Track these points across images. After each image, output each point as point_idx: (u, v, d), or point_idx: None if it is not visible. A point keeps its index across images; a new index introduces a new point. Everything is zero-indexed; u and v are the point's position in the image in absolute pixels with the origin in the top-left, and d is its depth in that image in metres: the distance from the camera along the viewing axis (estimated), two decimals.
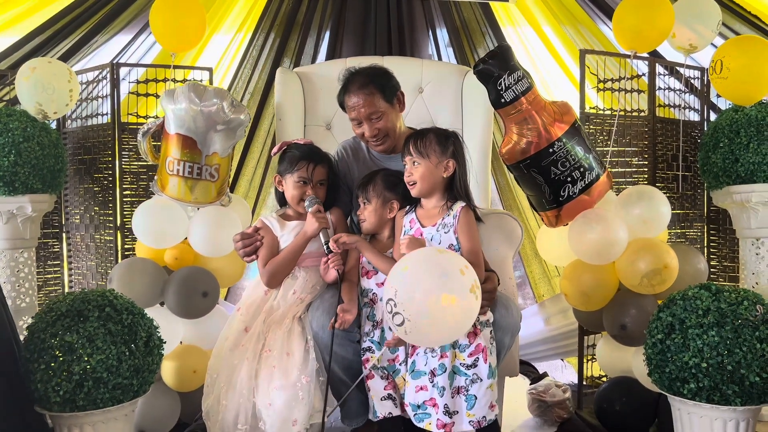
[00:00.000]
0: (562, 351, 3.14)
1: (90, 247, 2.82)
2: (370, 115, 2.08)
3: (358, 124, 2.12)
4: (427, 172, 1.87)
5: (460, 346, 1.79)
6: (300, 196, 2.02)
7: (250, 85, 3.31)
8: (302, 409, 1.79)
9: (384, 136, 2.13)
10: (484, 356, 1.78)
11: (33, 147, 2.41)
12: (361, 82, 2.08)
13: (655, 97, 2.76)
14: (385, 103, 2.10)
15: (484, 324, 1.82)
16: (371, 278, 1.96)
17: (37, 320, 1.79)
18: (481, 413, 1.77)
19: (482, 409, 1.77)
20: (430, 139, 1.88)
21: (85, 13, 3.02)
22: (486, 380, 1.77)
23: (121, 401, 1.76)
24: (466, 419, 1.77)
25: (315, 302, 1.97)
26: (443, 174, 1.88)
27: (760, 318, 1.75)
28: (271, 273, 1.98)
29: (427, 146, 1.87)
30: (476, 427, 1.77)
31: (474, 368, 1.77)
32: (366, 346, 1.91)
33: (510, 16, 3.35)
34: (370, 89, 2.07)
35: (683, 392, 1.80)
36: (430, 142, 1.88)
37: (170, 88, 2.32)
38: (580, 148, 2.02)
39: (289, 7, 3.30)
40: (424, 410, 1.80)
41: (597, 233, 2.09)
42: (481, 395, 1.77)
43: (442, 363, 1.79)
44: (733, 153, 2.48)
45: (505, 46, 1.96)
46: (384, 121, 2.10)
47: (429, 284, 1.59)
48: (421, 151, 1.87)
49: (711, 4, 2.65)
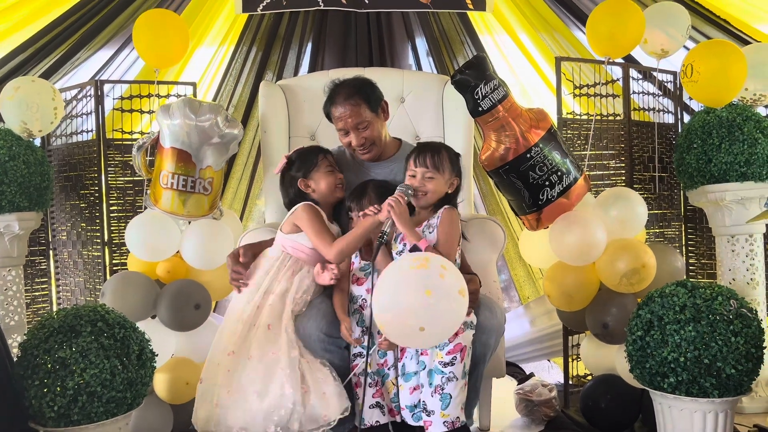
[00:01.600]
0: (548, 352, 3.20)
1: (78, 264, 2.83)
2: (356, 125, 2.16)
3: (345, 134, 2.19)
4: (439, 186, 1.97)
5: (440, 344, 1.84)
6: (335, 182, 2.12)
7: (233, 99, 3.35)
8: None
9: (371, 145, 2.21)
10: (462, 356, 1.83)
11: (19, 165, 2.43)
12: (346, 93, 2.16)
13: (630, 101, 2.83)
14: (370, 112, 2.18)
15: (468, 325, 1.87)
16: (362, 285, 2.01)
17: (30, 337, 1.81)
18: (455, 413, 1.82)
19: (455, 409, 1.82)
20: (444, 156, 1.99)
21: (68, 29, 3.03)
22: (461, 379, 1.82)
23: (115, 414, 1.78)
24: (440, 419, 1.81)
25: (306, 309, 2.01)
26: (448, 190, 2.00)
27: (734, 312, 1.82)
28: (341, 251, 1.98)
29: (442, 162, 1.98)
30: (450, 428, 1.81)
31: (451, 366, 1.82)
32: (356, 351, 1.95)
33: (487, 24, 3.42)
34: (356, 100, 2.16)
35: (663, 386, 1.86)
36: (445, 159, 1.98)
37: (165, 103, 2.37)
38: (557, 153, 2.08)
39: (270, 20, 3.34)
40: (423, 408, 1.85)
41: (576, 235, 2.15)
42: (456, 394, 1.82)
43: (422, 360, 1.84)
44: (706, 153, 2.56)
45: (480, 57, 2.03)
46: (370, 130, 2.19)
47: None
48: (437, 167, 1.96)
49: (680, 10, 2.74)
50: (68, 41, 3.06)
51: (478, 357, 1.95)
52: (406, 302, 1.66)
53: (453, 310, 1.69)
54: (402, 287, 1.68)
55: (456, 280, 1.69)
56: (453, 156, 2.03)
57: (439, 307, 1.65)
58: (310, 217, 2.04)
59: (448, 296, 1.67)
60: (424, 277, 1.65)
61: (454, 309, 1.69)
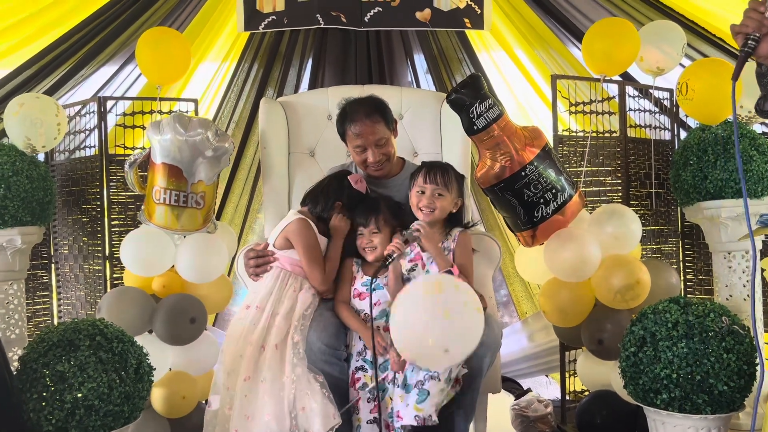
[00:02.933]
0: (545, 367, 3.20)
1: (79, 277, 2.86)
2: (376, 141, 2.21)
3: (362, 151, 2.23)
4: (447, 204, 2.04)
5: None
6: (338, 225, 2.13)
7: (234, 115, 3.39)
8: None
9: (386, 161, 2.27)
10: None
11: (22, 180, 2.46)
12: (366, 111, 2.22)
13: (626, 118, 2.86)
14: (388, 130, 2.25)
15: None
16: (364, 299, 2.03)
17: (29, 350, 1.83)
18: (428, 411, 1.82)
19: (430, 407, 1.82)
20: (452, 175, 2.06)
21: (72, 47, 3.09)
22: (441, 382, 1.84)
23: (112, 428, 1.80)
24: (413, 412, 1.82)
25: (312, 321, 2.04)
26: (453, 209, 2.07)
27: (726, 329, 1.83)
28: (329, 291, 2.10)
29: (451, 181, 2.05)
30: (419, 424, 1.82)
31: None
32: (359, 365, 1.97)
33: (485, 42, 3.46)
34: (376, 117, 2.22)
35: (657, 403, 1.87)
36: (452, 179, 2.06)
37: (156, 120, 2.39)
38: (552, 171, 2.10)
39: (271, 38, 3.39)
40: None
41: (571, 251, 2.17)
42: (434, 392, 1.83)
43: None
44: (702, 170, 2.58)
45: (475, 76, 2.06)
46: (387, 147, 2.25)
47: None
48: (447, 185, 2.03)
49: (675, 29, 2.77)
50: (73, 58, 3.11)
51: (474, 371, 1.95)
52: (427, 327, 1.71)
53: (472, 328, 1.74)
54: (421, 313, 1.72)
55: (471, 297, 1.75)
56: (459, 177, 2.10)
57: (460, 327, 1.71)
58: (303, 238, 2.08)
59: (466, 315, 1.72)
60: (442, 301, 1.71)
61: (474, 326, 1.74)
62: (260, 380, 1.92)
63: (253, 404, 1.90)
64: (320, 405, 1.86)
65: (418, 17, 3.26)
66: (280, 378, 1.91)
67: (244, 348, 1.97)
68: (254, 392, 1.92)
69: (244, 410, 1.90)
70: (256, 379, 1.93)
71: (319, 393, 1.88)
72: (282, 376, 1.91)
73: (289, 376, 1.90)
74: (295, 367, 1.91)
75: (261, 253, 2.14)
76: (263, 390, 1.91)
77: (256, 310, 2.03)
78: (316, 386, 1.89)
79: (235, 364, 1.97)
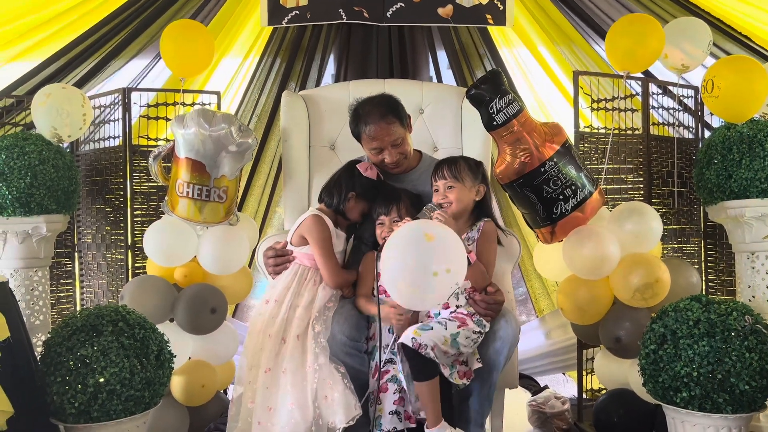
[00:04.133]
0: (563, 365, 3.19)
1: (101, 266, 2.91)
2: (393, 142, 2.21)
3: (379, 152, 2.23)
4: (462, 194, 2.04)
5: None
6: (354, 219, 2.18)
7: (257, 108, 3.42)
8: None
9: (403, 159, 2.27)
10: (459, 325, 1.91)
11: (48, 169, 2.50)
12: (380, 113, 2.21)
13: (649, 115, 2.83)
14: (402, 129, 2.24)
15: (478, 322, 1.93)
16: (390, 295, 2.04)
17: (53, 335, 1.87)
18: (425, 341, 1.83)
19: (428, 339, 1.84)
20: (462, 165, 2.07)
21: (99, 41, 3.13)
22: (446, 332, 1.88)
23: (133, 413, 1.83)
24: (410, 335, 1.85)
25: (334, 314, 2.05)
26: (475, 197, 2.07)
27: (749, 328, 1.81)
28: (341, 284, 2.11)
29: (460, 171, 2.05)
30: (413, 347, 1.82)
31: (447, 321, 1.92)
32: (387, 358, 1.98)
33: (506, 38, 3.45)
34: (391, 118, 2.21)
35: (676, 401, 1.85)
36: (463, 168, 2.06)
37: (180, 114, 2.42)
38: (572, 167, 2.09)
39: (294, 33, 3.41)
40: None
41: (590, 249, 2.16)
42: (437, 329, 1.87)
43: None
44: (726, 169, 2.53)
45: (496, 71, 2.06)
46: (403, 145, 2.25)
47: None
48: (456, 176, 2.04)
49: (701, 25, 2.73)
50: (100, 51, 3.16)
51: (491, 365, 1.96)
52: (413, 255, 1.74)
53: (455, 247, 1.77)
54: (403, 249, 1.76)
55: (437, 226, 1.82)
56: (472, 164, 2.09)
57: (443, 247, 1.74)
58: (316, 233, 2.10)
59: (447, 237, 1.76)
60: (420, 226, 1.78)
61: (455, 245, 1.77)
62: (281, 371, 1.94)
63: (275, 395, 1.92)
64: (342, 395, 1.88)
65: (440, 13, 3.26)
66: (302, 368, 1.93)
67: (263, 341, 2.00)
68: (276, 383, 1.94)
69: (266, 402, 1.92)
70: (277, 370, 1.95)
71: (341, 383, 1.90)
72: (304, 366, 1.93)
73: (311, 365, 1.92)
74: (318, 357, 1.93)
75: (280, 252, 2.18)
76: (285, 381, 1.93)
77: (274, 303, 2.06)
78: (338, 376, 1.91)
79: (256, 358, 1.99)
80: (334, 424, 1.86)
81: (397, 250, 1.75)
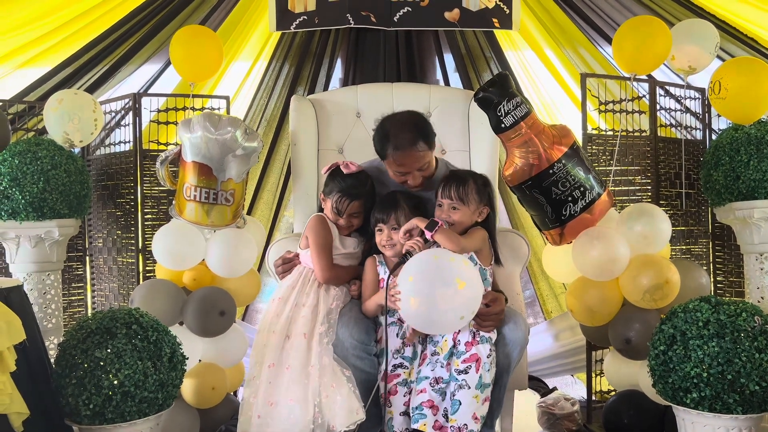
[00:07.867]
0: (571, 367, 3.19)
1: (112, 270, 2.93)
2: (420, 168, 2.16)
3: (403, 174, 2.16)
4: (464, 217, 2.02)
5: (457, 353, 1.89)
6: (334, 221, 2.17)
7: (266, 112, 3.44)
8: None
9: (426, 180, 2.21)
10: (477, 366, 1.87)
11: (60, 174, 2.54)
12: (410, 139, 2.10)
13: (656, 117, 2.84)
14: (430, 152, 2.17)
15: (486, 339, 1.91)
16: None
17: (68, 337, 1.89)
18: (462, 420, 1.85)
19: (465, 416, 1.85)
20: (471, 187, 2.02)
21: (110, 47, 3.16)
22: (473, 389, 1.86)
23: (147, 414, 1.85)
24: (449, 424, 1.86)
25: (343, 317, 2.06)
26: (477, 219, 2.04)
27: (758, 329, 1.81)
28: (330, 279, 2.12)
29: (468, 194, 2.02)
30: None
31: (465, 374, 1.87)
32: (398, 362, 1.99)
33: (512, 41, 3.46)
34: (421, 145, 2.12)
35: (686, 402, 1.86)
36: (471, 191, 2.02)
37: (186, 118, 2.43)
38: (580, 169, 2.10)
39: (302, 38, 3.43)
40: (420, 411, 1.90)
41: (599, 250, 2.17)
42: (466, 402, 1.85)
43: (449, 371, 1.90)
44: (734, 170, 2.54)
45: (503, 74, 2.07)
46: (429, 168, 2.20)
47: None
48: (462, 199, 2.01)
49: (709, 27, 2.74)
50: (110, 56, 3.19)
51: (501, 368, 1.97)
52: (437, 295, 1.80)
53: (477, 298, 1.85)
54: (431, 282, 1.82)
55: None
56: (480, 186, 2.04)
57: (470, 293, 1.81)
58: (313, 230, 2.13)
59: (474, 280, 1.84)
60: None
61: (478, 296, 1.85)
62: (285, 367, 1.96)
63: (277, 391, 1.93)
64: (345, 399, 1.88)
65: (447, 17, 3.28)
66: (306, 366, 1.94)
67: (268, 337, 2.02)
68: (279, 379, 1.95)
69: (268, 397, 1.93)
70: (281, 366, 1.96)
71: (345, 386, 1.90)
72: (308, 364, 1.94)
73: (315, 365, 1.93)
74: (321, 357, 1.94)
75: (287, 260, 2.22)
76: (288, 377, 1.94)
77: (279, 301, 2.09)
78: (343, 379, 1.91)
79: (260, 354, 2.01)
80: (334, 426, 1.86)
81: (429, 288, 1.82)
